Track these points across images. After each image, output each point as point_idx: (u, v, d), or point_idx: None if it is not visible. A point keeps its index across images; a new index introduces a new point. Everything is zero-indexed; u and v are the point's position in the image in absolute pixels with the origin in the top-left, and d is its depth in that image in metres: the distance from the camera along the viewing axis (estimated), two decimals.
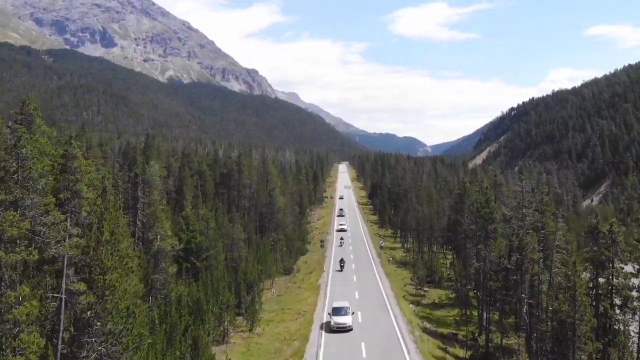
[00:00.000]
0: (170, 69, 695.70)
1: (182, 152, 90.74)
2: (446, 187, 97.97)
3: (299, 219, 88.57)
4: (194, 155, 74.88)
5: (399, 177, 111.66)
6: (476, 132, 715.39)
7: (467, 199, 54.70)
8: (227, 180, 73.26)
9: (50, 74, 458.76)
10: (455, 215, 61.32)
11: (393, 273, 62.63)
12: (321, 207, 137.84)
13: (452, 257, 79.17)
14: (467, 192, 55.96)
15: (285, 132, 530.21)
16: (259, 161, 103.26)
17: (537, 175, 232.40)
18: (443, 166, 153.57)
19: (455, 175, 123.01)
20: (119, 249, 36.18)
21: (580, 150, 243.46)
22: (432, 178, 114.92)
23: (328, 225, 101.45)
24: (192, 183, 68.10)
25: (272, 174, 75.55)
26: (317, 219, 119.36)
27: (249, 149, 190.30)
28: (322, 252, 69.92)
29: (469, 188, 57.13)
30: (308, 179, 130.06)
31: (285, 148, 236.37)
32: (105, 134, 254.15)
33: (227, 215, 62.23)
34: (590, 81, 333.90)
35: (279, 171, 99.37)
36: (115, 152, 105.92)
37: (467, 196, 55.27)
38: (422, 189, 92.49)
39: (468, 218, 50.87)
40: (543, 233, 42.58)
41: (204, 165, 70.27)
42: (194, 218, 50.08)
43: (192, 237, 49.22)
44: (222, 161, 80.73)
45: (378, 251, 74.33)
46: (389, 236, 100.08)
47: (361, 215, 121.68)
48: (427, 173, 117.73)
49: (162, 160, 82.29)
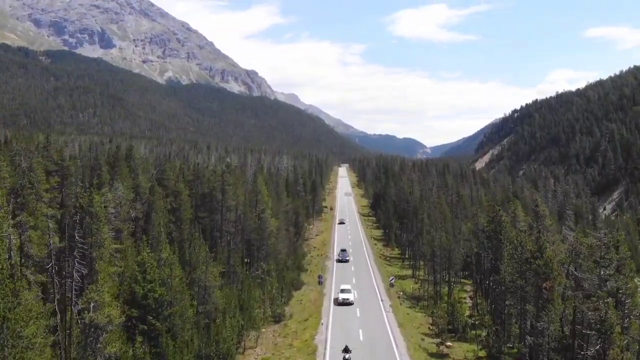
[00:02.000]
0: (169, 70, 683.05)
1: (156, 166, 78.68)
2: (460, 204, 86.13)
3: (295, 242, 76.65)
4: (170, 171, 62.90)
5: (405, 190, 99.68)
6: (477, 133, 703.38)
7: (504, 238, 42.35)
8: (208, 202, 61.25)
9: (47, 75, 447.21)
10: (485, 253, 49.44)
11: (406, 319, 50.58)
12: (320, 219, 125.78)
13: (472, 289, 67.29)
14: (502, 228, 43.49)
15: (284, 134, 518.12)
16: (249, 175, 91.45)
17: (544, 179, 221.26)
18: (450, 175, 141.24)
19: (467, 186, 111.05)
20: (22, 335, 25.19)
21: (588, 154, 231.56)
22: (442, 190, 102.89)
23: (327, 246, 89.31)
24: (165, 207, 56.09)
25: (262, 192, 63.51)
26: (315, 235, 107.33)
27: (244, 155, 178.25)
28: (320, 289, 58.02)
29: (505, 223, 44.37)
30: (306, 189, 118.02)
31: (282, 154, 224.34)
32: (97, 137, 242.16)
33: (204, 247, 50.24)
34: (595, 83, 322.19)
35: (274, 184, 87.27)
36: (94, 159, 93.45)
37: (503, 234, 42.91)
38: (434, 206, 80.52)
39: (509, 266, 38.57)
40: (621, 295, 30.63)
41: (180, 185, 58.25)
42: (153, 264, 38.08)
43: (150, 290, 37.30)
44: (206, 176, 68.83)
45: (386, 284, 62.31)
46: (396, 258, 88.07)
47: (363, 230, 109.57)
48: (436, 186, 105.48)
49: (135, 175, 70.28)
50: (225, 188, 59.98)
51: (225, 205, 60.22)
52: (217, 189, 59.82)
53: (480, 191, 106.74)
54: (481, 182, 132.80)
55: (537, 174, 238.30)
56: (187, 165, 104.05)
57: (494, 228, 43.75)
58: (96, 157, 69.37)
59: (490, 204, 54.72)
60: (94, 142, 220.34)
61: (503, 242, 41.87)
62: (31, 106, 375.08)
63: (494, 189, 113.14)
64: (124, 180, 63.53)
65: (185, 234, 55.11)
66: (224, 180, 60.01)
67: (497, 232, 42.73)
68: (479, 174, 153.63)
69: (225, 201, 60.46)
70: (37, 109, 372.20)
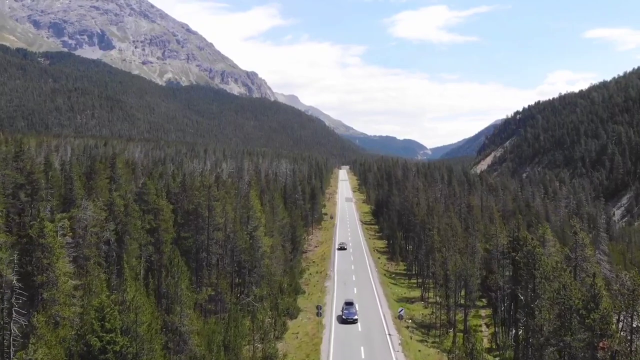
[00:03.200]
0: (169, 72, 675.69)
1: (146, 173, 71.42)
2: (471, 216, 78.87)
3: (291, 260, 69.47)
4: (150, 183, 55.68)
5: (410, 199, 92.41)
6: (477, 134, 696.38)
7: (541, 277, 34.74)
8: (193, 220, 54.03)
9: (45, 77, 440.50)
10: (506, 279, 42.21)
11: (419, 358, 43.39)
12: (320, 228, 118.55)
13: (487, 313, 60.16)
14: (536, 261, 35.78)
15: (284, 136, 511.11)
16: (244, 183, 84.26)
17: (549, 182, 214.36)
18: (456, 180, 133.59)
19: (475, 194, 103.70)
20: None
21: (594, 157, 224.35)
22: (450, 199, 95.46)
23: (327, 261, 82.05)
24: (143, 226, 48.93)
25: (254, 208, 56.28)
26: (314, 246, 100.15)
27: (241, 160, 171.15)
28: (319, 319, 50.80)
29: (539, 254, 36.32)
30: (305, 197, 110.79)
31: (281, 157, 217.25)
32: (92, 140, 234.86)
33: (185, 275, 43.09)
34: (599, 84, 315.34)
35: (269, 196, 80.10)
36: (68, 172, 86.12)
37: (537, 268, 35.35)
38: (443, 219, 73.26)
39: (550, 313, 31.08)
40: None
41: (160, 202, 51.00)
42: (113, 309, 30.89)
43: (110, 342, 30.17)
44: (194, 189, 61.57)
45: (393, 311, 55.09)
46: (401, 274, 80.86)
47: (365, 241, 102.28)
48: (444, 195, 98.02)
49: (118, 185, 63.12)
50: (212, 204, 52.77)
51: (212, 223, 53.02)
52: (203, 205, 52.57)
53: (489, 199, 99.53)
54: (488, 188, 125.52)
55: (542, 177, 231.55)
56: (179, 173, 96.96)
57: (523, 259, 36.42)
58: (71, 166, 62.04)
59: (513, 227, 47.47)
60: (89, 146, 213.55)
61: (538, 279, 34.42)
62: (29, 108, 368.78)
63: (503, 197, 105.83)
64: (100, 195, 56.44)
65: (165, 259, 47.96)
66: (211, 195, 52.77)
67: (531, 267, 35.33)
68: (485, 179, 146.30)
69: (213, 219, 53.27)
70: (34, 111, 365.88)
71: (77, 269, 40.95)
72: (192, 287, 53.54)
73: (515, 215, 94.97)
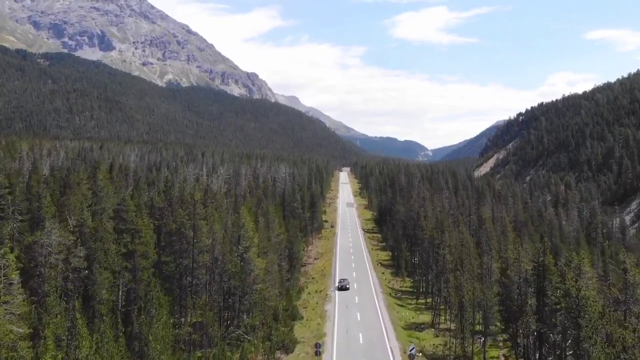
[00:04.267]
0: (169, 73, 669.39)
1: (134, 181, 64.98)
2: (483, 230, 72.33)
3: (288, 279, 63.08)
4: (130, 199, 49.26)
5: (415, 209, 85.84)
6: (479, 135, 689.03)
7: (590, 326, 28.34)
8: (177, 241, 47.69)
9: (44, 78, 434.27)
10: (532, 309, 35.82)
11: None
12: (320, 237, 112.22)
13: (506, 344, 53.71)
14: (582, 306, 29.25)
15: (284, 137, 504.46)
16: (237, 194, 77.85)
17: (555, 186, 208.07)
18: (463, 188, 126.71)
19: (485, 203, 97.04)
20: None
21: (601, 161, 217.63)
22: (459, 210, 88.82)
23: (327, 278, 75.55)
24: (118, 250, 42.55)
25: (246, 227, 49.85)
26: (314, 258, 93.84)
27: (238, 165, 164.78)
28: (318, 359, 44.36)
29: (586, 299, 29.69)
30: (304, 206, 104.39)
31: (281, 160, 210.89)
32: (88, 143, 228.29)
33: (162, 313, 36.79)
34: (603, 85, 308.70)
35: (263, 210, 73.81)
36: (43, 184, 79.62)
37: (583, 315, 28.89)
38: (454, 235, 66.80)
39: None
40: None
41: (138, 221, 44.53)
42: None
43: None
44: (184, 199, 55.21)
45: (402, 343, 48.69)
46: (408, 292, 74.47)
47: (368, 252, 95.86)
48: (451, 205, 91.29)
49: (97, 199, 56.75)
50: (197, 224, 46.40)
51: (197, 245, 46.64)
52: (187, 225, 46.17)
53: (499, 208, 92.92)
54: (496, 196, 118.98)
55: (547, 181, 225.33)
56: (171, 180, 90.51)
57: (563, 301, 29.93)
58: (46, 180, 55.69)
59: (538, 251, 40.95)
60: (84, 149, 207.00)
61: (587, 327, 27.85)
62: (27, 109, 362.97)
63: (514, 206, 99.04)
64: (73, 213, 50.10)
65: (141, 290, 41.58)
66: (196, 213, 46.38)
67: (574, 314, 28.79)
68: (492, 185, 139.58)
69: (198, 240, 46.89)
70: (32, 113, 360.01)
71: (34, 308, 34.57)
72: (175, 318, 47.24)
73: (527, 227, 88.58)
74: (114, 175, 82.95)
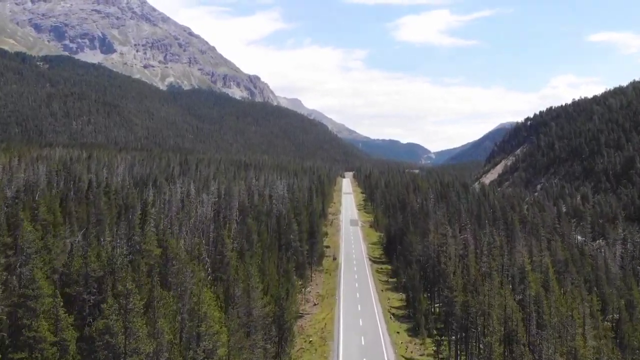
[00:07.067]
0: (171, 76, 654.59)
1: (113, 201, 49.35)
2: (513, 269, 56.51)
3: (275, 358, 47.38)
4: (37, 267, 33.51)
5: (437, 252, 69.98)
6: (482, 138, 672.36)
7: None
8: (102, 347, 32.17)
9: (42, 81, 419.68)
10: None
11: None
12: (320, 270, 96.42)
13: None
14: None
15: (286, 141, 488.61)
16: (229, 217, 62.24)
17: (570, 197, 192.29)
18: (484, 211, 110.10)
19: (519, 241, 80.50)
20: None
21: (619, 171, 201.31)
22: (487, 246, 72.41)
23: (329, 343, 59.89)
24: None
25: (209, 317, 33.99)
26: (313, 304, 77.90)
27: (234, 175, 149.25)
28: None
29: None
30: (302, 237, 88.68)
31: (280, 172, 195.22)
32: (76, 152, 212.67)
33: None
34: (615, 89, 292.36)
35: (243, 276, 58.18)
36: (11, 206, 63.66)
37: None
38: (495, 300, 51.03)
39: None
40: None
41: (38, 323, 28.87)
42: None
43: None
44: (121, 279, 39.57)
45: None
46: (431, 355, 58.62)
47: (377, 295, 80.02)
48: (477, 240, 74.71)
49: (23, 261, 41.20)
50: (129, 324, 30.69)
51: (131, 350, 30.90)
52: (116, 326, 30.30)
53: (536, 245, 76.71)
54: (523, 222, 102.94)
55: (560, 191, 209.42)
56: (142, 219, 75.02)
57: None
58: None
59: None
60: (73, 158, 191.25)
61: None
62: (23, 114, 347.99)
63: (554, 247, 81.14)
64: None
65: None
66: (127, 309, 30.58)
67: None
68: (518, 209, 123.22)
69: (132, 344, 31.13)
70: (29, 117, 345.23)
71: None
72: None
73: (568, 267, 72.66)
74: (71, 208, 66.96)
